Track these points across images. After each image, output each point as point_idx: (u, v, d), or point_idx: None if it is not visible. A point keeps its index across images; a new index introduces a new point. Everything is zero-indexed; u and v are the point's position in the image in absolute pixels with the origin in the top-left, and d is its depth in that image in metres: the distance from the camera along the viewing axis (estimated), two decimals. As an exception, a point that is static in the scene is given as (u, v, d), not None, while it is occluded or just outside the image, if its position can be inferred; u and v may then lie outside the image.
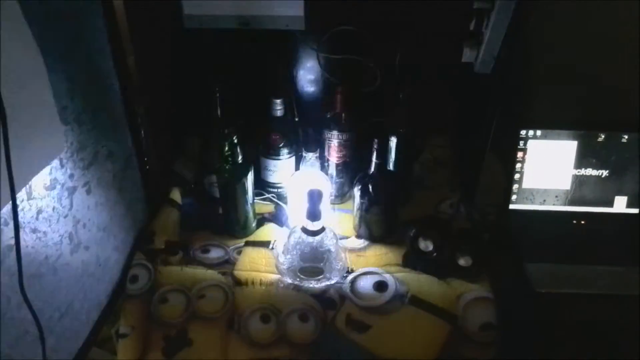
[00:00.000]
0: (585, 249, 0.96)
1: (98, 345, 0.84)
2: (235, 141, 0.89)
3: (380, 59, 1.07)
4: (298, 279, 0.87)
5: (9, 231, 0.60)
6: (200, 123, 1.07)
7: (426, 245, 0.90)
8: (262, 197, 1.07)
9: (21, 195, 0.63)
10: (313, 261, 0.86)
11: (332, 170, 1.05)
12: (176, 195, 1.06)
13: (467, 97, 1.10)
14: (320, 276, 0.87)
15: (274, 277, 0.89)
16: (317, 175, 1.00)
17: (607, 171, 1.01)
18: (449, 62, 0.96)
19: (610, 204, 1.03)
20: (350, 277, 0.89)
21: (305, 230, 0.85)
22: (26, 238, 0.65)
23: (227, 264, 0.92)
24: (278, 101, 1.00)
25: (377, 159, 0.91)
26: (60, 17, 0.70)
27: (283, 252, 0.89)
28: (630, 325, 0.81)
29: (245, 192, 0.93)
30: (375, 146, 0.90)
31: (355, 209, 0.97)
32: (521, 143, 1.00)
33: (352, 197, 0.98)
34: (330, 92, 1.03)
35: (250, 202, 0.96)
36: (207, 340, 0.84)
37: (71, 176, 0.75)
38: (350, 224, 1.01)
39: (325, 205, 0.90)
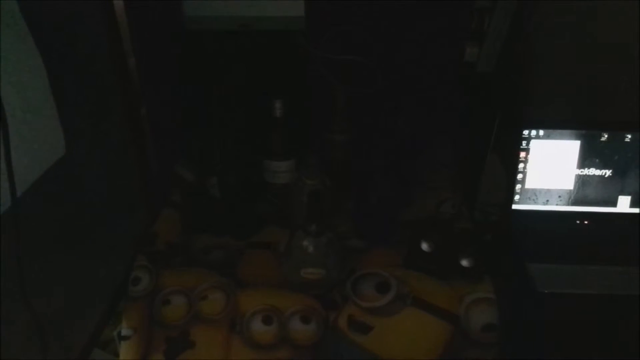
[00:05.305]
0: (588, 249, 0.96)
1: (100, 347, 0.84)
2: (236, 142, 0.89)
3: (381, 59, 1.06)
4: (300, 281, 0.87)
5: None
6: (201, 124, 1.06)
7: (428, 245, 0.89)
8: (263, 198, 1.07)
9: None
10: (315, 262, 0.86)
11: (333, 170, 1.05)
12: (177, 197, 1.06)
13: (469, 97, 1.09)
14: (322, 277, 0.87)
15: (276, 278, 0.89)
16: (318, 176, 0.99)
17: (610, 171, 1.00)
18: (451, 62, 0.96)
19: (613, 203, 1.02)
20: (352, 278, 0.88)
21: (306, 231, 0.84)
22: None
23: (228, 266, 0.92)
24: (279, 102, 1.00)
25: (377, 159, 0.91)
26: (60, 18, 0.70)
27: (285, 254, 0.89)
28: (633, 326, 0.81)
29: (246, 193, 0.93)
30: (375, 146, 0.90)
31: (356, 209, 0.97)
32: (524, 143, 1.00)
33: (353, 197, 0.98)
34: (330, 92, 1.03)
35: (252, 203, 0.96)
36: (209, 342, 0.84)
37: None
38: (352, 224, 1.00)
39: (326, 206, 0.90)
